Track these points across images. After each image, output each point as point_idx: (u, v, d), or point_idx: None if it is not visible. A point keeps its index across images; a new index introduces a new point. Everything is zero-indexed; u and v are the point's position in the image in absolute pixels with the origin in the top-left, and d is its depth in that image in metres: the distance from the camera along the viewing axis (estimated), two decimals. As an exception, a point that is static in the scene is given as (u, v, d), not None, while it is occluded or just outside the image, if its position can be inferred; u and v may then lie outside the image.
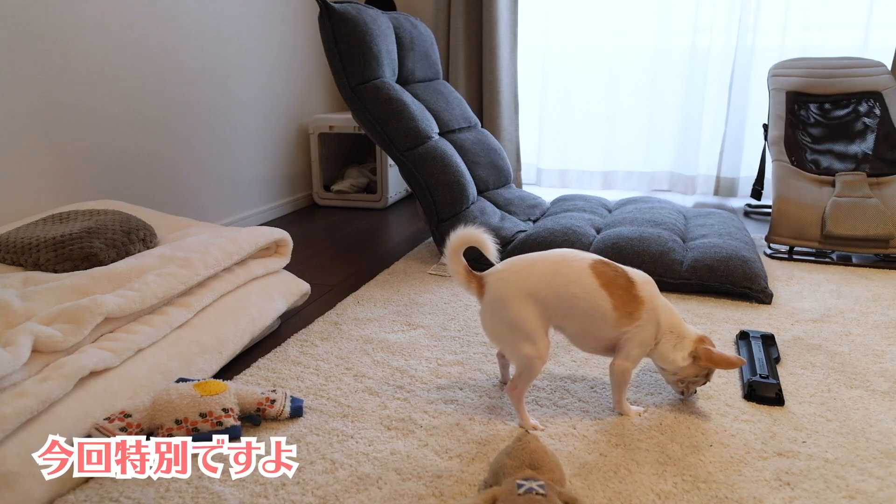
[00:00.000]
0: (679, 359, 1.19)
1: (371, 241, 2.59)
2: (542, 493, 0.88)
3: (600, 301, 1.15)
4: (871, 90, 2.55)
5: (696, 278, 1.88)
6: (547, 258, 1.20)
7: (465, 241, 1.20)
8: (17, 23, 1.77)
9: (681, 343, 1.19)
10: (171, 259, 1.44)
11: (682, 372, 1.21)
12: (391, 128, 2.18)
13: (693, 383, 1.24)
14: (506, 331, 1.19)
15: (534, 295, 1.15)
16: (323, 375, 1.40)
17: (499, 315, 1.18)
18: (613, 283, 1.16)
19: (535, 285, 1.16)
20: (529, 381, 1.19)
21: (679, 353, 1.19)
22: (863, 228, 2.15)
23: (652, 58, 3.27)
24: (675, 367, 1.20)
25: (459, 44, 3.32)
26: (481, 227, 1.19)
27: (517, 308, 1.16)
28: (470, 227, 1.20)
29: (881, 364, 1.45)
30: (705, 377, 1.23)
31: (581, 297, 1.15)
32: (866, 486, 1.03)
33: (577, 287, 1.15)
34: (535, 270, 1.18)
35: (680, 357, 1.19)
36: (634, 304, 1.17)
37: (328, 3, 2.13)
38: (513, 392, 1.19)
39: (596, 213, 2.41)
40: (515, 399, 1.19)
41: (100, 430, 1.05)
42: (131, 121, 2.17)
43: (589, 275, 1.16)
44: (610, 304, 1.15)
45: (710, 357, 1.17)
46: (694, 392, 1.28)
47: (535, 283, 1.16)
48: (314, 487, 1.03)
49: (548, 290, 1.15)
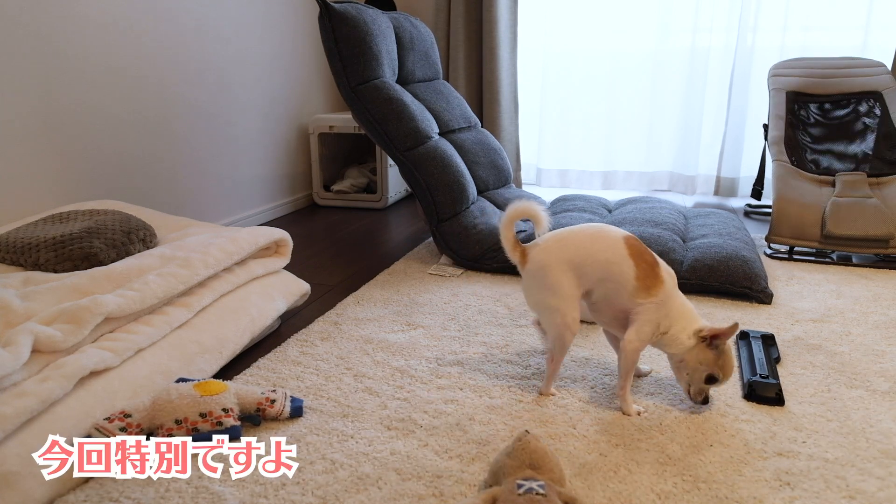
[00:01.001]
0: (684, 338, 1.23)
1: (371, 241, 2.59)
2: (542, 493, 0.88)
3: (626, 268, 1.23)
4: (871, 90, 2.55)
5: (697, 278, 1.88)
6: (585, 229, 1.30)
7: (520, 213, 1.29)
8: (17, 23, 1.77)
9: (688, 327, 1.24)
10: (171, 259, 1.44)
11: (687, 355, 1.23)
12: (391, 128, 2.18)
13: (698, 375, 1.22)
14: (544, 298, 1.28)
15: (571, 261, 1.25)
16: (323, 375, 1.40)
17: (539, 282, 1.28)
18: (641, 256, 1.24)
19: (573, 252, 1.26)
20: (564, 352, 1.29)
21: (684, 334, 1.23)
22: (863, 228, 2.15)
23: (652, 58, 3.27)
24: (682, 347, 1.23)
25: (459, 44, 3.32)
26: (537, 202, 1.29)
27: (557, 275, 1.25)
28: (525, 200, 1.29)
29: (881, 364, 1.45)
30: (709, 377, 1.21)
31: (613, 262, 1.24)
32: (866, 486, 1.03)
33: (612, 253, 1.24)
34: (575, 239, 1.28)
35: (685, 336, 1.23)
36: (655, 279, 1.23)
37: (328, 3, 2.13)
38: (551, 363, 1.31)
39: (596, 213, 2.41)
40: (552, 369, 1.31)
41: (100, 430, 1.05)
42: (131, 121, 2.17)
43: (622, 244, 1.25)
44: (634, 272, 1.23)
45: (713, 329, 1.21)
46: (706, 399, 1.25)
47: (573, 251, 1.26)
48: (314, 487, 1.03)
49: (585, 255, 1.25)
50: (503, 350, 1.53)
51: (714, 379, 1.21)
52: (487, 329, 1.65)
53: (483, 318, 1.72)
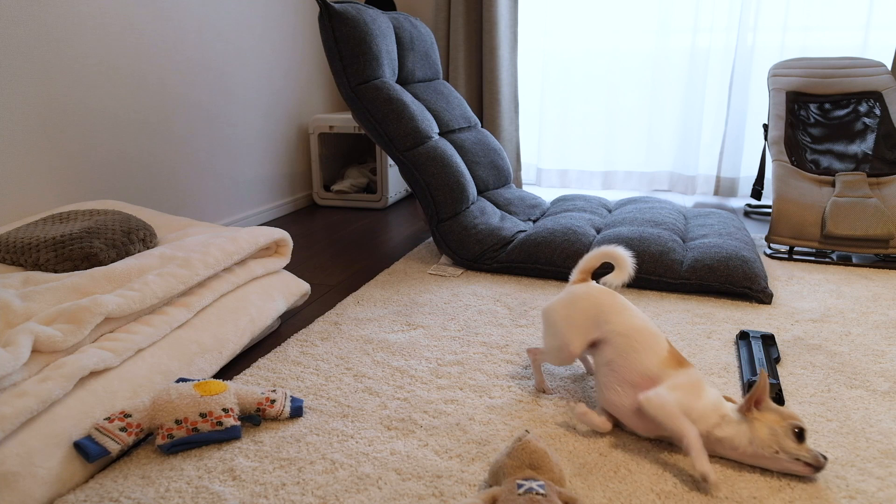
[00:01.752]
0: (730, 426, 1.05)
1: (371, 241, 2.59)
2: (542, 493, 0.88)
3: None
4: (871, 90, 2.55)
5: (697, 278, 1.88)
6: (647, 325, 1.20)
7: (600, 258, 1.28)
8: (17, 23, 1.77)
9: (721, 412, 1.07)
10: (171, 259, 1.44)
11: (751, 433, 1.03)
12: (391, 128, 2.18)
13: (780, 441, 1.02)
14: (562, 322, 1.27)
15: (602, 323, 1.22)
16: (323, 375, 1.40)
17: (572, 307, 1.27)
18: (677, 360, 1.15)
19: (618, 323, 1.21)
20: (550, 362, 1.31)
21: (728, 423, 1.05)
22: (863, 228, 2.15)
23: (652, 58, 3.27)
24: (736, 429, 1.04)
25: (459, 44, 3.32)
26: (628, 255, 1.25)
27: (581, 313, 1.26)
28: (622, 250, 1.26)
29: (881, 364, 1.45)
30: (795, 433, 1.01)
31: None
32: (866, 486, 1.03)
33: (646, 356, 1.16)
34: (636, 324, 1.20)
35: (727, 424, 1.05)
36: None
37: (328, 3, 2.14)
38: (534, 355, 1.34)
39: (596, 213, 2.41)
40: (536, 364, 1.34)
41: (100, 431, 1.05)
42: (131, 121, 2.17)
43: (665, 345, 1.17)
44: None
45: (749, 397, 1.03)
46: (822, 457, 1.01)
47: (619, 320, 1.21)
48: (314, 487, 1.03)
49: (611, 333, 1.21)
50: (503, 350, 1.53)
51: (800, 430, 1.01)
52: (487, 329, 1.65)
53: (483, 318, 1.72)
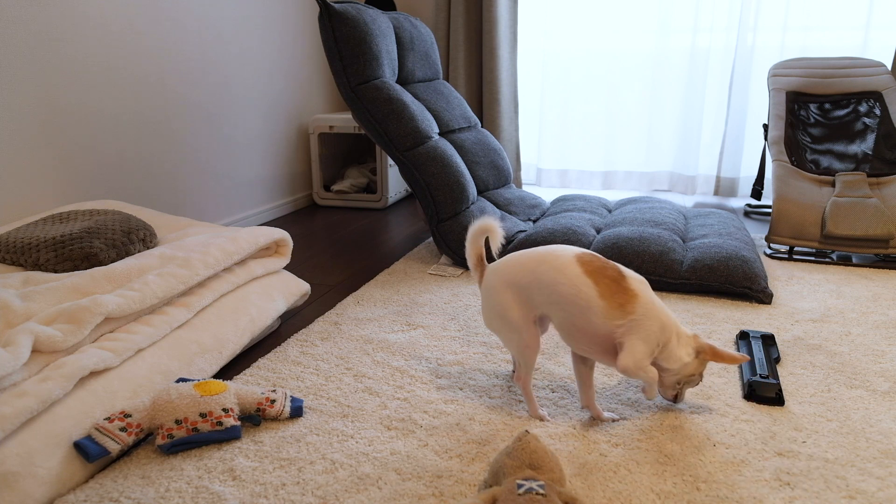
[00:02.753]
0: (684, 354, 1.18)
1: (371, 241, 2.59)
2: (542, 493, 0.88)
3: (583, 288, 1.14)
4: (871, 90, 2.55)
5: (697, 278, 1.88)
6: (536, 251, 1.25)
7: (482, 231, 1.28)
8: (17, 23, 1.77)
9: (681, 340, 1.19)
10: (171, 259, 1.44)
11: (683, 369, 1.19)
12: (391, 128, 2.18)
13: (688, 384, 1.23)
14: (496, 319, 1.26)
15: (515, 283, 1.21)
16: (323, 375, 1.40)
17: (488, 303, 1.26)
18: (600, 272, 1.16)
19: (517, 273, 1.22)
20: (528, 370, 1.24)
21: (683, 350, 1.18)
22: (863, 228, 2.15)
23: (652, 58, 3.27)
24: (680, 363, 1.18)
25: (459, 44, 3.32)
26: (495, 220, 1.28)
27: (501, 295, 1.23)
28: (487, 218, 1.28)
29: (881, 364, 1.45)
30: (700, 376, 1.23)
31: (562, 283, 1.15)
32: (866, 486, 1.03)
33: (559, 274, 1.16)
34: (521, 260, 1.23)
35: (685, 353, 1.18)
36: (626, 296, 1.14)
37: (328, 3, 2.14)
38: (518, 381, 1.26)
39: (596, 213, 2.41)
40: (522, 388, 1.26)
41: (100, 431, 1.05)
42: (131, 121, 2.17)
43: (573, 263, 1.17)
44: (595, 291, 1.14)
45: (716, 352, 1.18)
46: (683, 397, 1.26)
47: (517, 272, 1.22)
48: (314, 487, 1.03)
49: (531, 277, 1.20)
50: (503, 350, 1.53)
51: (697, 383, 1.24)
52: (487, 329, 1.65)
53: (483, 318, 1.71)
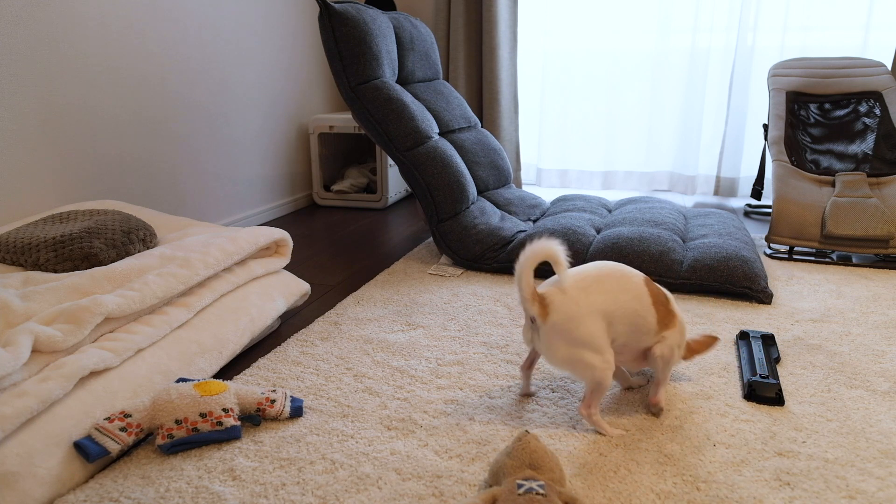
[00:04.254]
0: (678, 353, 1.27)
1: (371, 241, 2.59)
2: (542, 493, 0.88)
3: (649, 317, 1.20)
4: (871, 90, 2.55)
5: (697, 278, 1.88)
6: (609, 274, 1.20)
7: (540, 256, 1.12)
8: (17, 23, 1.77)
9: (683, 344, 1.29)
10: (171, 259, 1.44)
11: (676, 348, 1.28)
12: (391, 128, 2.18)
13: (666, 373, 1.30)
14: (576, 350, 1.15)
15: (602, 310, 1.16)
16: (323, 375, 1.40)
17: (569, 335, 1.14)
18: (658, 299, 1.22)
19: (602, 301, 1.16)
20: (601, 395, 1.18)
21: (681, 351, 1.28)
22: (863, 228, 2.15)
23: (652, 58, 3.27)
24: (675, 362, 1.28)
25: (459, 44, 3.32)
26: (557, 245, 1.12)
27: (590, 326, 1.14)
28: (545, 240, 1.12)
29: (881, 364, 1.45)
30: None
31: (641, 314, 1.19)
32: (866, 486, 1.03)
33: (639, 304, 1.19)
34: (603, 287, 1.18)
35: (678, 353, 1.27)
36: (670, 317, 1.23)
37: (328, 3, 2.14)
38: (586, 411, 1.17)
39: (596, 213, 2.41)
40: (593, 419, 1.17)
41: (100, 431, 1.05)
42: (131, 121, 2.17)
43: (645, 292, 1.20)
44: (655, 318, 1.21)
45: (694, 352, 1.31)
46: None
47: (603, 300, 1.16)
48: (314, 487, 1.03)
49: (615, 306, 1.17)
50: (503, 350, 1.53)
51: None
52: (487, 329, 1.65)
53: (483, 318, 1.72)
